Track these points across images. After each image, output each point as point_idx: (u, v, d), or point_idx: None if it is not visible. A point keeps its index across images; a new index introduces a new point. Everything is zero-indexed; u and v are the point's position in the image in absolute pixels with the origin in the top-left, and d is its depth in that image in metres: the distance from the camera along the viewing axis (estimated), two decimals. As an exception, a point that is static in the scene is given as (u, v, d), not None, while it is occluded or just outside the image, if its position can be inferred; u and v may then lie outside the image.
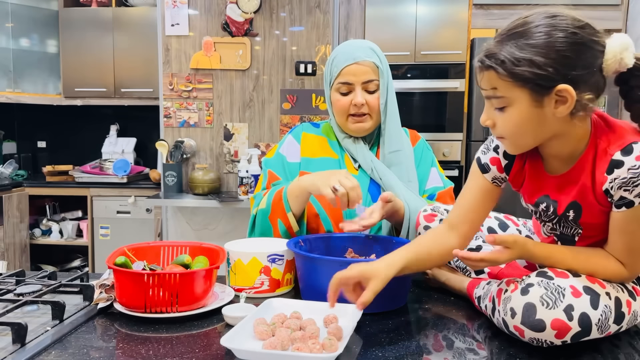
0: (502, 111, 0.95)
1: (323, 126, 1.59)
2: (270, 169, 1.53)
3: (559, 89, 0.89)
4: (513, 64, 0.89)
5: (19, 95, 3.79)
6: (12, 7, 3.72)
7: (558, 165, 1.02)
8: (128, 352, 0.94)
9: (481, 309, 1.11)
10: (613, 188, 0.93)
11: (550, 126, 0.94)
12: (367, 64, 1.43)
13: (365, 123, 1.46)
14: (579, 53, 0.89)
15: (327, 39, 3.19)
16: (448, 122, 3.59)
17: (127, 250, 1.23)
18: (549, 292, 0.91)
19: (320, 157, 1.52)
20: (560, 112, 0.91)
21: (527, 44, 0.89)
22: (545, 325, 0.89)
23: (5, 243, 3.41)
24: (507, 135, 0.98)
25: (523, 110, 0.92)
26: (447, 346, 0.98)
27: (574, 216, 1.01)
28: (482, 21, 3.63)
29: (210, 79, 3.22)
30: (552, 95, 0.90)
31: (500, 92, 0.93)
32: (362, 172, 1.49)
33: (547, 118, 0.93)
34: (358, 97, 1.43)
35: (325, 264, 1.15)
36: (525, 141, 0.99)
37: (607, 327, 0.93)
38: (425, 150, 1.57)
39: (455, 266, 1.28)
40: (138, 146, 4.04)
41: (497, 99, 0.94)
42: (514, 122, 0.94)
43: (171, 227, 3.32)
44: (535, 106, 0.92)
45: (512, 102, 0.93)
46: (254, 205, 1.47)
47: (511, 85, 0.91)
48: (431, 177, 1.53)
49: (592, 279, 0.96)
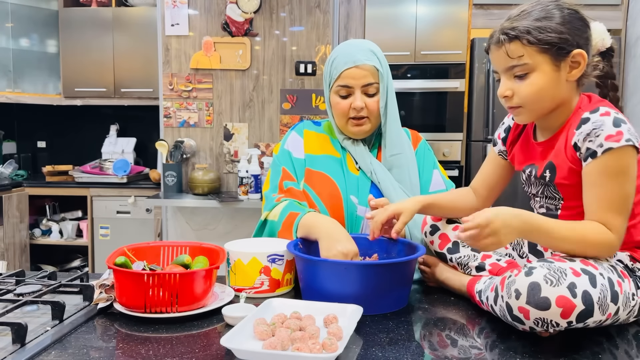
0: (523, 79, 1.07)
1: (324, 124, 1.58)
2: (285, 166, 1.50)
3: (574, 53, 1.05)
4: (538, 31, 1.03)
5: (19, 95, 3.79)
6: (12, 7, 3.72)
7: (545, 134, 1.15)
8: (128, 352, 0.94)
9: (482, 303, 1.11)
10: (579, 141, 1.04)
11: (563, 91, 1.08)
12: (367, 68, 1.41)
13: (365, 126, 1.46)
14: (583, 27, 1.07)
15: (327, 39, 3.19)
16: (448, 122, 3.59)
17: (127, 250, 1.23)
18: (552, 271, 0.94)
19: (323, 154, 1.51)
20: (573, 76, 1.07)
21: (544, 17, 1.04)
22: (550, 302, 0.91)
23: (5, 243, 3.41)
24: (528, 101, 1.08)
25: (545, 74, 1.05)
26: (447, 346, 0.98)
27: (549, 177, 1.11)
28: (482, 21, 3.63)
29: (210, 79, 3.22)
30: (568, 61, 1.05)
31: (524, 60, 1.05)
32: (363, 173, 1.48)
33: (562, 83, 1.07)
34: (357, 101, 1.42)
35: (325, 265, 1.15)
36: (542, 106, 1.09)
37: (606, 307, 0.95)
38: (426, 152, 1.57)
39: (457, 263, 1.28)
40: (138, 146, 4.04)
41: (521, 67, 1.06)
42: (537, 87, 1.06)
43: (171, 227, 3.32)
44: (554, 70, 1.05)
45: (535, 67, 1.05)
46: (265, 206, 1.45)
47: (536, 51, 1.04)
48: (434, 180, 1.52)
49: (585, 262, 0.99)
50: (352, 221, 1.44)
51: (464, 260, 1.26)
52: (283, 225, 1.37)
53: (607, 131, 1.00)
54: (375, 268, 1.13)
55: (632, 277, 1.04)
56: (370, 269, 1.12)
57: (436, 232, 1.34)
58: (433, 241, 1.34)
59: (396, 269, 1.13)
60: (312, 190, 1.46)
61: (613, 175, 1.01)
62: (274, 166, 1.53)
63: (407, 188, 1.46)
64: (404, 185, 1.46)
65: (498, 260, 1.23)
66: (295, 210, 1.38)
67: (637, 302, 1.03)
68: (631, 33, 3.47)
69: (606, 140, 1.00)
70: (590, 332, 1.02)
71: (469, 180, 3.58)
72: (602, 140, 1.00)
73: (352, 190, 1.45)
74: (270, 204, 1.44)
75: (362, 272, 1.11)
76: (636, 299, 1.03)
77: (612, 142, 1.00)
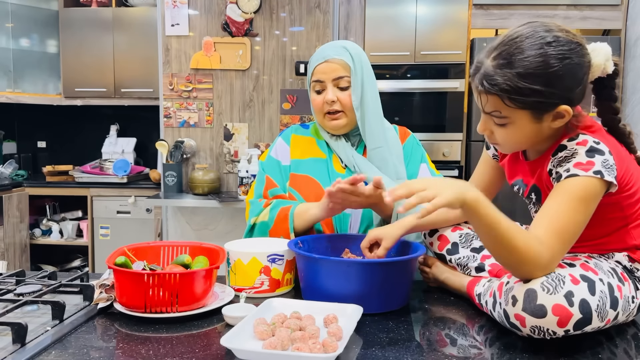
0: (502, 127, 1.03)
1: (312, 127, 1.60)
2: (268, 175, 1.53)
3: (559, 110, 0.99)
4: (517, 92, 0.96)
5: (19, 95, 3.79)
6: (12, 7, 3.72)
7: (534, 154, 1.13)
8: (128, 352, 0.94)
9: (481, 306, 1.11)
10: (553, 167, 1.03)
11: (545, 133, 1.04)
12: (337, 62, 1.44)
13: (340, 120, 1.47)
14: (574, 75, 0.98)
15: (327, 39, 3.18)
16: (448, 122, 3.59)
17: (127, 250, 1.23)
18: (550, 279, 0.93)
19: (308, 158, 1.52)
20: (556, 125, 1.02)
21: (528, 73, 0.95)
22: (546, 311, 0.90)
23: (5, 243, 3.41)
24: (504, 144, 1.08)
25: (524, 127, 1.01)
26: (447, 346, 0.98)
27: (535, 199, 1.12)
28: (482, 21, 3.63)
29: (210, 79, 3.22)
30: (551, 114, 1.00)
31: (503, 114, 1.01)
32: (349, 172, 1.49)
33: (543, 130, 1.03)
34: (329, 94, 1.44)
35: (327, 264, 1.15)
36: (521, 147, 1.10)
37: (605, 314, 0.94)
38: (415, 146, 1.57)
39: (457, 264, 1.28)
40: (138, 146, 4.04)
41: (499, 118, 1.02)
42: (514, 136, 1.04)
43: (171, 227, 3.32)
44: (534, 122, 1.01)
45: (513, 121, 1.01)
46: (251, 213, 1.47)
47: (514, 108, 0.99)
48: (421, 172, 1.53)
49: (585, 267, 0.97)
50: (340, 219, 1.45)
51: (463, 261, 1.26)
52: (276, 220, 1.39)
53: (577, 159, 0.98)
54: (377, 266, 1.13)
55: (631, 279, 1.04)
56: (371, 267, 1.12)
57: (435, 234, 1.34)
58: (432, 242, 1.34)
59: (397, 267, 1.13)
60: (297, 193, 1.48)
61: (569, 199, 0.96)
62: (259, 174, 1.55)
63: (394, 181, 1.46)
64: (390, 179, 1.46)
65: None
66: (285, 204, 1.41)
67: (636, 304, 1.03)
68: (631, 33, 3.47)
69: (574, 167, 0.98)
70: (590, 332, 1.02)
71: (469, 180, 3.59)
72: (570, 166, 0.98)
73: None
74: (258, 209, 1.46)
75: (363, 270, 1.11)
76: (635, 301, 1.03)
77: (579, 169, 0.97)
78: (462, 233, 1.30)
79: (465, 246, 1.27)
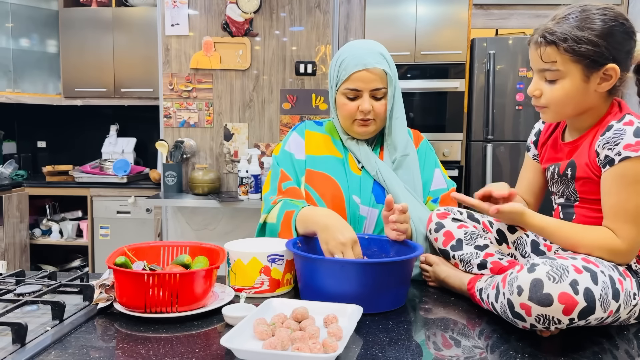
0: (552, 83, 1.10)
1: (326, 124, 1.58)
2: (282, 168, 1.51)
3: (607, 67, 1.06)
4: (575, 41, 1.04)
5: (19, 95, 3.79)
6: (12, 7, 3.72)
7: (573, 135, 1.17)
8: (128, 352, 0.94)
9: (482, 302, 1.11)
10: (599, 147, 1.07)
11: (589, 100, 1.10)
12: (376, 72, 1.41)
13: (370, 127, 1.46)
14: (625, 40, 1.07)
15: (327, 39, 3.19)
16: (448, 122, 3.59)
17: (127, 250, 1.23)
18: (554, 268, 0.94)
19: (324, 155, 1.51)
20: (602, 88, 1.08)
21: (586, 27, 1.05)
22: (552, 299, 0.91)
23: (5, 243, 3.41)
24: (553, 104, 1.12)
25: (574, 83, 1.07)
26: (446, 346, 0.98)
27: (570, 174, 1.14)
28: (482, 21, 3.63)
29: (210, 79, 3.22)
30: (600, 73, 1.06)
31: (557, 66, 1.07)
32: (366, 173, 1.48)
33: (589, 93, 1.08)
34: (365, 104, 1.42)
35: (324, 264, 1.15)
36: (566, 111, 1.13)
37: (608, 304, 0.95)
38: (428, 151, 1.57)
39: (460, 260, 1.28)
40: (138, 146, 4.04)
41: (552, 72, 1.08)
42: (564, 93, 1.09)
43: (171, 227, 3.32)
44: (584, 80, 1.07)
45: (565, 75, 1.07)
46: (264, 209, 1.46)
47: (569, 59, 1.06)
48: (435, 178, 1.53)
49: (587, 260, 0.99)
50: (354, 221, 1.44)
51: (467, 257, 1.26)
52: (282, 225, 1.38)
53: (626, 140, 1.03)
54: (373, 267, 1.13)
55: (635, 278, 1.05)
56: (367, 268, 1.12)
57: (441, 230, 1.33)
58: (437, 238, 1.34)
59: (393, 267, 1.13)
60: (314, 190, 1.46)
61: (628, 184, 1.03)
62: (273, 167, 1.54)
63: (412, 188, 1.46)
64: (408, 186, 1.46)
65: (500, 259, 1.23)
66: (290, 208, 1.38)
67: (637, 302, 1.03)
68: (631, 33, 3.47)
69: (624, 149, 1.02)
70: (591, 332, 1.02)
71: (469, 180, 3.60)
72: (620, 149, 1.03)
73: (354, 190, 1.45)
74: (268, 207, 1.45)
75: (359, 271, 1.11)
76: (637, 298, 1.03)
77: (630, 151, 1.02)
78: (467, 231, 1.30)
79: (470, 243, 1.28)
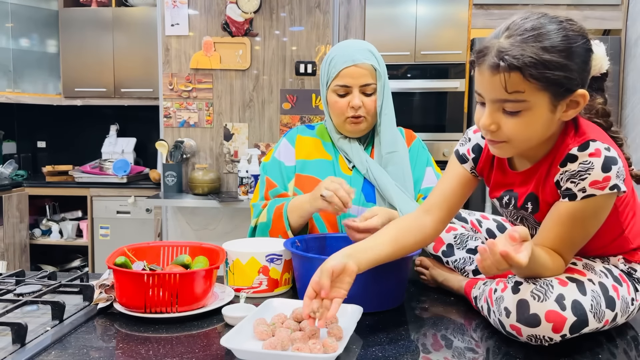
0: (514, 115, 0.91)
1: (318, 128, 1.60)
2: (268, 176, 1.53)
3: (576, 93, 0.91)
4: (544, 66, 0.86)
5: (19, 95, 3.79)
6: (12, 7, 3.72)
7: (524, 164, 1.04)
8: (128, 352, 0.94)
9: (479, 309, 1.11)
10: (562, 180, 0.95)
11: (552, 129, 0.96)
12: (365, 67, 1.43)
13: (362, 124, 1.47)
14: (588, 59, 0.92)
15: (327, 39, 3.19)
16: (448, 122, 3.59)
17: (127, 250, 1.23)
18: (538, 285, 0.92)
19: (315, 159, 1.52)
20: (568, 116, 0.93)
21: (552, 47, 0.87)
22: (540, 319, 0.90)
23: (5, 243, 3.41)
24: (516, 140, 0.94)
25: (540, 114, 0.91)
26: (446, 346, 0.98)
27: (532, 208, 1.03)
28: (482, 21, 3.62)
29: (210, 79, 3.22)
30: (567, 100, 0.91)
31: (524, 96, 0.89)
32: (357, 172, 1.49)
33: (554, 122, 0.94)
34: (355, 99, 1.43)
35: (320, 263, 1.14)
36: (529, 145, 0.97)
37: (602, 314, 0.93)
38: (420, 149, 1.57)
39: (454, 266, 1.28)
40: (138, 146, 4.04)
41: (515, 103, 0.90)
42: (528, 126, 0.92)
43: (171, 227, 3.32)
44: (550, 110, 0.91)
45: (531, 106, 0.90)
46: (254, 215, 1.49)
47: (536, 88, 0.88)
48: (427, 176, 1.53)
49: (571, 270, 0.98)
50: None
51: (460, 265, 1.26)
52: (273, 219, 1.40)
53: (593, 176, 0.91)
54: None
55: (630, 281, 1.03)
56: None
57: None
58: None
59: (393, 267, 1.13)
60: (302, 193, 1.48)
61: (584, 219, 0.95)
62: (260, 176, 1.57)
63: (402, 185, 1.47)
64: (398, 183, 1.46)
65: None
66: (279, 203, 1.42)
67: (636, 306, 1.02)
68: (631, 33, 3.47)
69: (590, 186, 0.91)
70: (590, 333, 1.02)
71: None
72: (586, 185, 0.92)
73: None
74: (257, 211, 1.48)
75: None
76: (635, 303, 1.01)
77: (596, 189, 0.91)
78: (456, 234, 1.29)
79: (460, 247, 1.27)
